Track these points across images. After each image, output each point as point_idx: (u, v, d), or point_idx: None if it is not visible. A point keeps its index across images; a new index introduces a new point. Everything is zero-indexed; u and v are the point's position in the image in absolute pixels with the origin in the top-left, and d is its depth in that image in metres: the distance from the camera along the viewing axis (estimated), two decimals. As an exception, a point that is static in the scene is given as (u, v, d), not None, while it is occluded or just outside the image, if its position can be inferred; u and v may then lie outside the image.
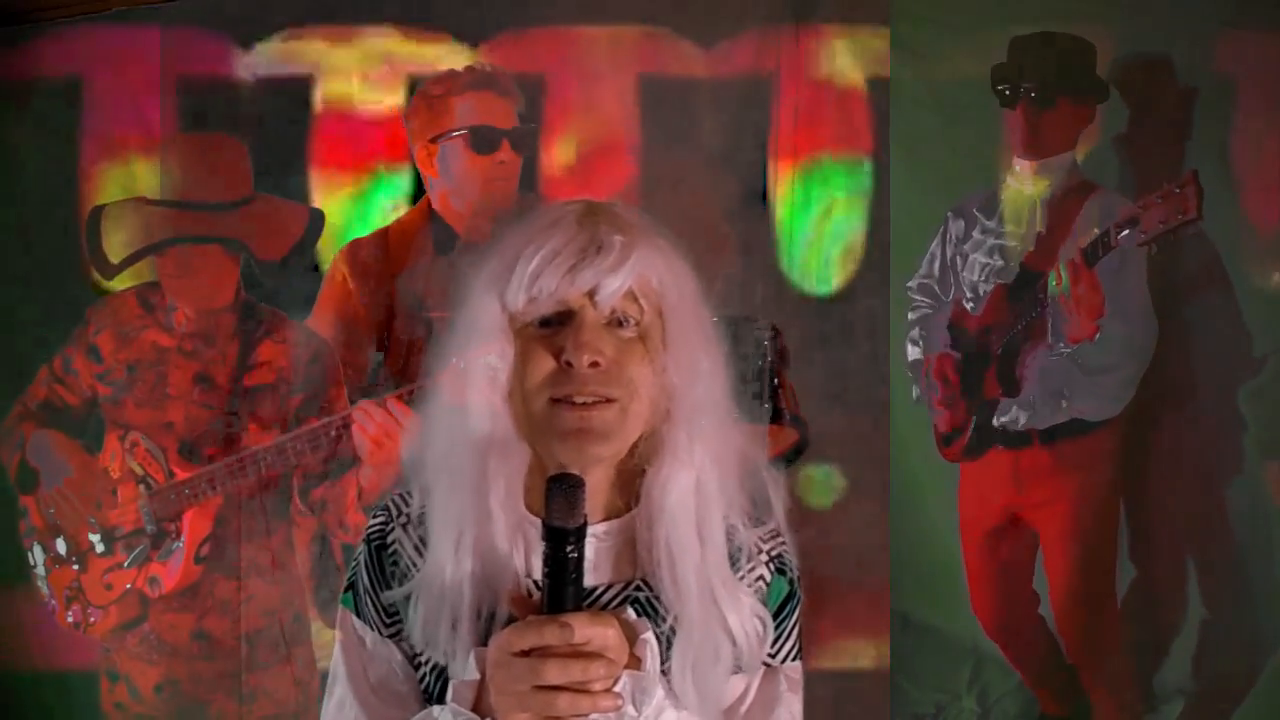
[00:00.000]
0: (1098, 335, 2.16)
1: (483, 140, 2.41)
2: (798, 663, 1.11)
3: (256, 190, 2.50)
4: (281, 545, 2.52)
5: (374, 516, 1.13)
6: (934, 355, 2.35)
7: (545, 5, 2.41)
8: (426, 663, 1.07)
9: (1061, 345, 2.20)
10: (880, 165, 2.31)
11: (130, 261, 2.56)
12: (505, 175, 2.41)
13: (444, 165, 2.43)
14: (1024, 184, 2.27)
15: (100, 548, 2.61)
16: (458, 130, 2.41)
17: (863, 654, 2.35)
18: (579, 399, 1.00)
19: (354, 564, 1.12)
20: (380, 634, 1.09)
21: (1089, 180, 2.22)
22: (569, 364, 0.99)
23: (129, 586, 2.59)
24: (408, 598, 1.06)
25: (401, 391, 2.36)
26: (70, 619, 2.64)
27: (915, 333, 2.37)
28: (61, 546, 2.65)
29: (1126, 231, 2.11)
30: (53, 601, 2.66)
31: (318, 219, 2.48)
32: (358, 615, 1.10)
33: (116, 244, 2.57)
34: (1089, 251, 2.16)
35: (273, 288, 2.51)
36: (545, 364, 1.01)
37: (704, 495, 1.04)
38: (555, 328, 1.01)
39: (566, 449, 1.00)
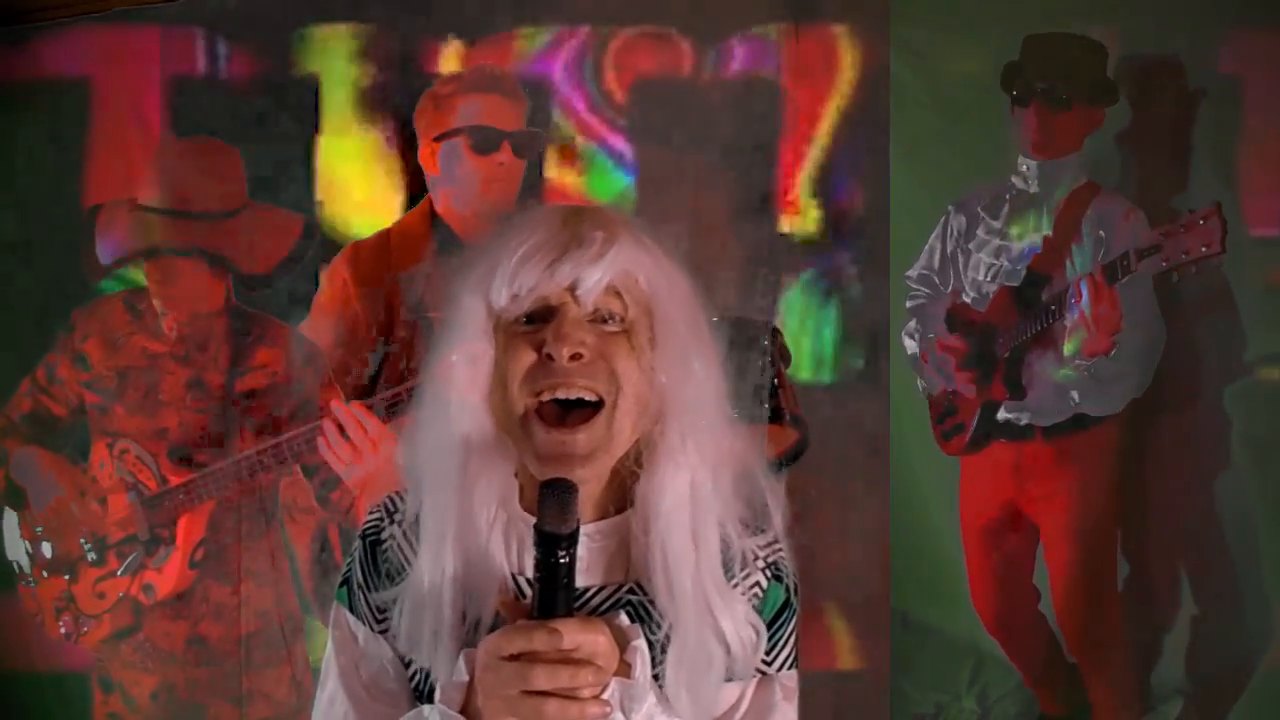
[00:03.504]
0: (1114, 350, 2.16)
1: (483, 141, 2.40)
2: (793, 671, 1.09)
3: (256, 195, 2.48)
4: (276, 546, 2.51)
5: (371, 512, 1.13)
6: (932, 340, 2.35)
7: (546, 6, 2.40)
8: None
9: (1079, 360, 2.19)
10: (880, 164, 2.31)
11: (116, 265, 2.55)
12: (504, 177, 2.39)
13: (445, 165, 2.42)
14: (1030, 184, 2.27)
15: (92, 556, 2.59)
16: (459, 129, 2.40)
17: (863, 654, 2.35)
18: (563, 394, 0.98)
19: (349, 560, 1.12)
20: (373, 630, 1.09)
21: (1094, 182, 2.23)
22: (550, 356, 0.98)
23: (122, 594, 2.57)
24: (395, 601, 1.05)
25: (375, 400, 2.34)
26: (61, 629, 2.61)
27: (910, 325, 2.37)
28: (48, 552, 2.62)
29: (1149, 259, 2.12)
30: (41, 613, 2.63)
31: (311, 227, 2.47)
32: (351, 611, 1.10)
33: (107, 246, 2.56)
34: (1110, 270, 2.16)
35: (266, 293, 2.49)
36: (526, 358, 1.00)
37: (699, 499, 1.03)
38: (538, 324, 1.01)
39: (546, 472, 0.98)
